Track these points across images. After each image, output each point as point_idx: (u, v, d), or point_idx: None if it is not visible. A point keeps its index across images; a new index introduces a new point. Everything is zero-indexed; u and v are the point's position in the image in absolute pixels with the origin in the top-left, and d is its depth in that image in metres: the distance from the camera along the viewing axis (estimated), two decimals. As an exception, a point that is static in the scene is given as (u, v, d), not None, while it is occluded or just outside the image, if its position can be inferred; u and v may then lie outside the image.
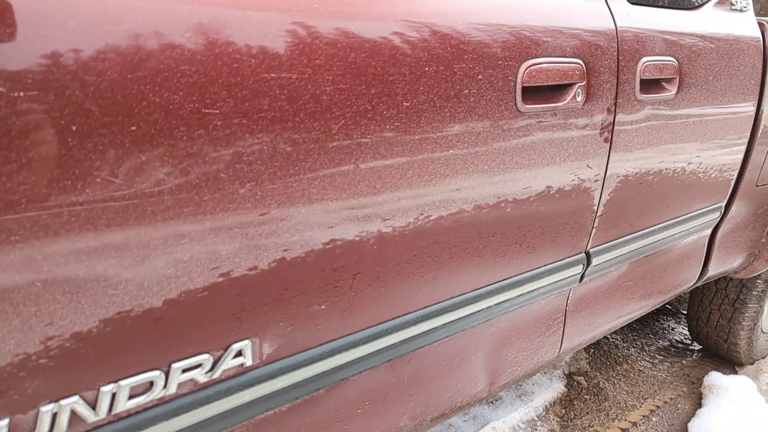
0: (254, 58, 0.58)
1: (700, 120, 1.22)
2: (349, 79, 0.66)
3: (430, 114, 0.74)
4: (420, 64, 0.72)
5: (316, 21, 0.63)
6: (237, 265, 0.61)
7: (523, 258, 0.98)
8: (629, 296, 1.35)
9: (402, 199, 0.74)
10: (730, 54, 1.26)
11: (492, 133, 0.82)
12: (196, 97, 0.54)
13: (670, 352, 2.21)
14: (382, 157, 0.71)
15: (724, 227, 1.55)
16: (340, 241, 0.70)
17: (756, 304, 1.92)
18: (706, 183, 1.36)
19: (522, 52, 0.84)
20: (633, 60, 1.01)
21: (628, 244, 1.20)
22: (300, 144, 0.63)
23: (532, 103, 0.87)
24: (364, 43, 0.66)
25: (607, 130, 1.01)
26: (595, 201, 1.06)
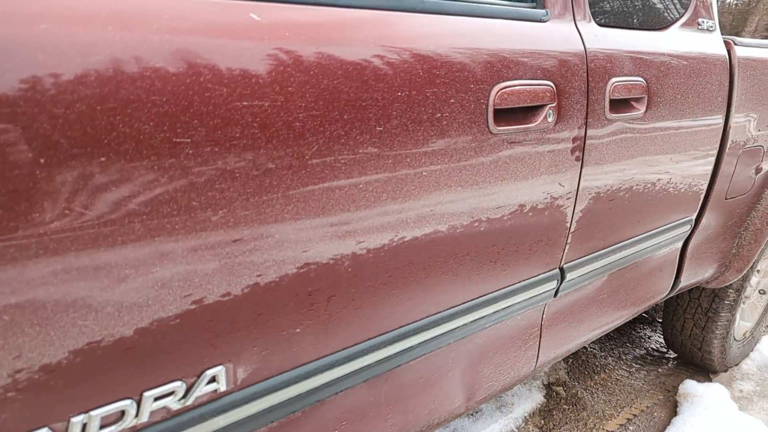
0: (225, 87, 0.58)
1: (669, 137, 1.26)
2: (322, 106, 0.67)
3: (402, 138, 0.75)
4: (393, 89, 0.73)
5: (288, 49, 0.63)
6: (210, 291, 0.61)
7: (497, 275, 0.99)
8: (604, 309, 1.37)
9: (376, 221, 0.75)
10: (697, 72, 1.29)
11: (464, 155, 0.84)
12: (167, 126, 0.55)
13: (647, 360, 2.25)
14: (356, 181, 0.71)
15: (695, 239, 1.59)
16: (314, 264, 0.70)
17: (728, 313, 1.97)
18: (676, 197, 1.39)
19: (493, 76, 0.86)
20: (602, 81, 1.04)
21: (602, 258, 1.23)
22: (273, 170, 0.63)
23: (504, 125, 0.88)
24: (336, 69, 0.67)
25: (578, 149, 1.03)
26: (568, 218, 1.08)
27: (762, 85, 1.53)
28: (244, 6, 0.62)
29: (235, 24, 0.60)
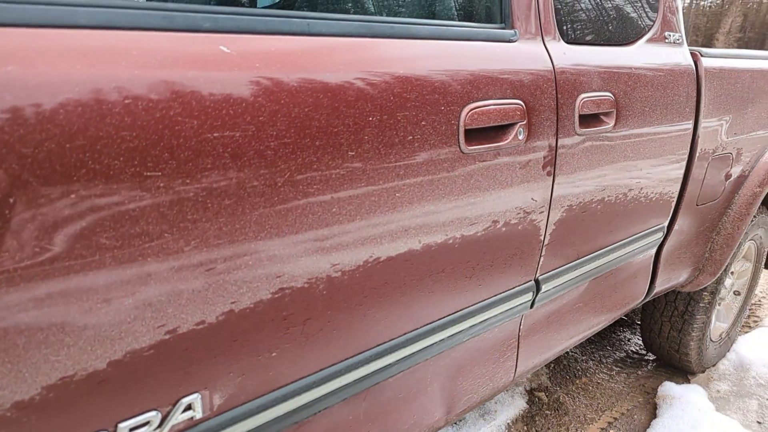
0: (196, 120, 0.59)
1: (639, 148, 1.29)
2: (294, 133, 0.68)
3: (375, 161, 0.77)
4: (364, 114, 0.75)
5: (259, 79, 0.65)
6: (183, 321, 0.62)
7: (473, 290, 1.01)
8: (580, 317, 1.40)
9: (350, 244, 0.77)
10: (665, 85, 1.33)
11: (437, 176, 0.85)
12: (137, 161, 0.55)
13: (627, 363, 2.29)
14: (329, 206, 0.73)
15: (669, 245, 1.63)
16: (288, 289, 0.71)
17: (704, 315, 2.02)
18: (648, 206, 1.43)
19: (463, 97, 0.87)
20: (571, 97, 1.07)
21: (576, 269, 1.25)
22: (245, 198, 0.64)
23: (475, 144, 0.90)
24: (307, 97, 0.69)
25: (550, 164, 1.05)
26: (542, 231, 1.10)
27: (729, 95, 1.58)
28: (213, 39, 0.63)
29: (204, 57, 0.61)
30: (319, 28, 0.73)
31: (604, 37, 1.22)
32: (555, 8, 1.09)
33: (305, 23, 0.72)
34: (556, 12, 1.09)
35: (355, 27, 0.77)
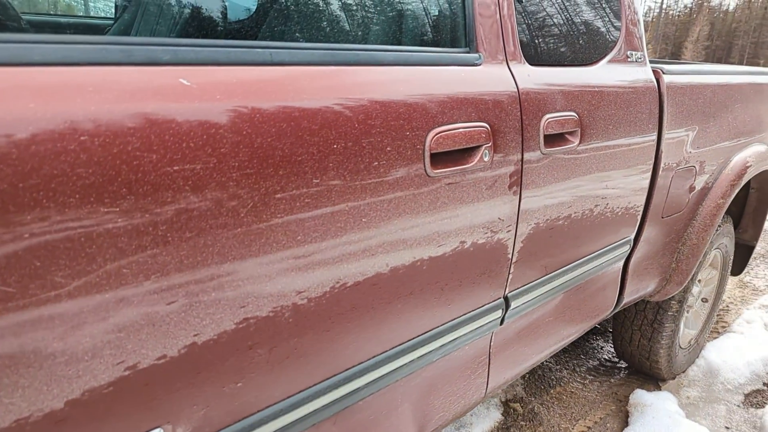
0: (155, 153, 0.59)
1: (604, 165, 1.32)
2: (256, 163, 0.68)
3: (340, 187, 0.77)
4: (328, 142, 0.75)
5: (220, 111, 0.65)
6: (144, 356, 0.61)
7: (442, 310, 1.02)
8: (551, 330, 1.42)
9: (316, 271, 0.77)
10: (627, 102, 1.37)
11: (403, 200, 0.86)
12: (93, 198, 0.55)
13: (600, 371, 2.32)
14: (293, 234, 0.73)
15: (636, 257, 1.66)
16: (253, 319, 0.71)
17: (672, 324, 2.06)
18: (615, 220, 1.46)
19: (429, 122, 0.89)
20: (536, 118, 1.09)
21: (545, 284, 1.27)
22: (207, 230, 0.64)
23: (441, 168, 0.91)
24: (270, 127, 0.69)
25: (516, 184, 1.07)
26: (510, 249, 1.12)
27: (690, 110, 1.63)
28: (173, 71, 0.63)
29: (164, 91, 0.61)
30: (282, 58, 0.74)
31: (568, 57, 1.25)
32: (519, 31, 1.11)
33: (268, 53, 0.72)
34: (520, 35, 1.11)
35: (319, 55, 0.78)
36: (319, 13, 0.93)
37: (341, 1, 0.95)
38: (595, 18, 1.35)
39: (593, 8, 1.35)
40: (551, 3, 1.23)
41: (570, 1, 1.28)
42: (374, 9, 0.98)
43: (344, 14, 0.96)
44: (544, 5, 1.20)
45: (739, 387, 2.20)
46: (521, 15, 1.13)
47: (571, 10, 1.28)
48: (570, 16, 1.28)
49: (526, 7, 1.15)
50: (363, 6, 0.97)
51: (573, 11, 1.29)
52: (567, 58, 1.24)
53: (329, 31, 0.92)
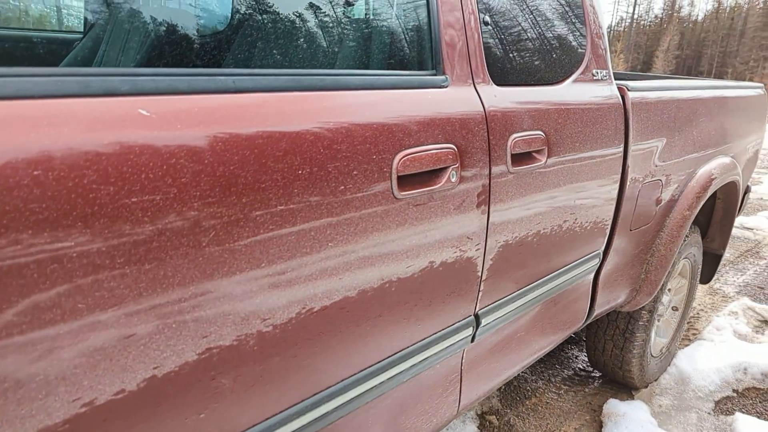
0: (112, 186, 0.58)
1: (572, 181, 1.35)
2: (218, 192, 0.67)
3: (306, 213, 0.77)
4: (293, 168, 0.75)
5: (180, 140, 0.64)
6: (101, 392, 0.60)
7: (412, 330, 1.02)
8: (522, 345, 1.43)
9: (281, 298, 0.76)
10: (593, 120, 1.40)
11: (370, 223, 0.87)
12: (47, 233, 0.54)
13: (574, 381, 2.35)
14: (258, 261, 0.72)
15: (606, 270, 1.69)
16: (216, 348, 0.70)
17: (643, 333, 2.10)
18: (584, 234, 1.48)
19: (395, 144, 0.89)
20: (503, 138, 1.10)
21: (516, 300, 1.29)
22: (167, 261, 0.63)
23: (408, 189, 0.92)
24: (232, 155, 0.69)
25: (484, 203, 1.09)
26: (479, 267, 1.13)
27: (655, 125, 1.67)
28: (132, 102, 0.62)
29: (122, 122, 0.60)
30: (245, 84, 0.74)
31: (534, 77, 1.27)
32: (485, 52, 1.13)
33: (231, 80, 0.72)
34: (486, 56, 1.13)
35: (284, 81, 0.78)
36: (287, 38, 0.93)
37: (308, 27, 0.96)
38: (561, 38, 1.38)
39: (559, 29, 1.38)
40: (517, 24, 1.25)
41: (536, 22, 1.31)
42: (340, 33, 0.98)
43: (312, 39, 0.96)
44: (510, 26, 1.23)
45: (710, 394, 2.25)
46: (488, 36, 1.15)
47: (537, 30, 1.31)
48: (536, 36, 1.31)
49: (493, 28, 1.17)
50: (330, 30, 0.97)
51: (539, 32, 1.32)
52: (533, 78, 1.27)
53: (296, 56, 0.92)
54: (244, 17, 0.95)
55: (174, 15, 1.01)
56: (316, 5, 0.97)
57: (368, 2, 1.05)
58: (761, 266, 3.84)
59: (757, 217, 5.07)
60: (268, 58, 0.90)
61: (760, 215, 5.15)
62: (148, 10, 1.02)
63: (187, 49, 0.96)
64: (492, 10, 1.18)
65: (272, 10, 0.93)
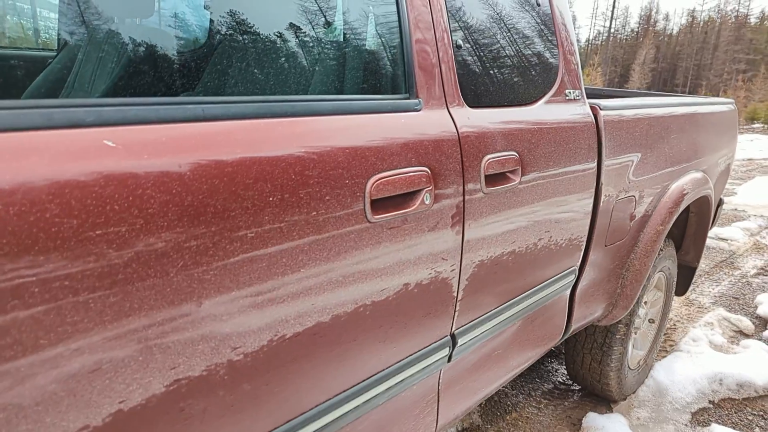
0: (76, 219, 0.58)
1: (546, 200, 1.36)
2: (187, 221, 0.67)
3: (277, 239, 0.77)
4: (263, 196, 0.75)
5: (147, 171, 0.64)
6: (65, 429, 0.59)
7: (387, 352, 1.02)
8: (500, 363, 1.44)
9: (253, 326, 0.76)
10: (567, 139, 1.42)
11: (344, 248, 0.87)
12: (9, 267, 0.53)
13: (554, 394, 2.36)
14: (228, 291, 0.72)
15: (582, 286, 1.71)
16: (185, 380, 0.69)
17: (620, 346, 2.12)
18: (559, 252, 1.50)
19: (368, 169, 0.90)
20: (476, 159, 1.12)
21: (492, 319, 1.29)
22: (134, 293, 0.62)
23: (382, 213, 0.92)
24: (201, 184, 0.68)
25: (458, 224, 1.09)
26: (454, 288, 1.14)
27: (628, 143, 1.70)
28: (97, 133, 0.61)
29: (87, 154, 0.60)
30: (214, 112, 0.73)
31: (507, 98, 1.29)
32: (458, 75, 1.14)
33: (200, 109, 0.72)
34: (460, 78, 1.15)
35: (254, 108, 0.78)
36: (260, 64, 0.93)
37: (283, 52, 0.96)
38: (534, 59, 1.41)
39: (532, 50, 1.41)
40: (491, 46, 1.27)
41: (509, 44, 1.33)
42: (313, 58, 0.99)
43: (285, 65, 0.96)
44: (483, 49, 1.25)
45: (687, 406, 2.28)
46: (461, 59, 1.16)
47: (510, 52, 1.33)
48: (509, 58, 1.33)
49: (466, 51, 1.19)
50: (303, 56, 0.98)
51: (512, 53, 1.34)
52: (507, 99, 1.28)
53: (270, 82, 0.93)
54: (219, 42, 0.94)
55: (147, 38, 1.00)
56: (290, 31, 0.97)
57: (341, 27, 1.06)
58: (736, 276, 3.92)
59: (731, 227, 5.18)
60: (240, 85, 0.90)
61: (734, 226, 5.26)
62: (120, 34, 1.01)
63: (160, 73, 0.95)
64: (465, 32, 1.20)
65: (246, 35, 0.93)
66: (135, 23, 1.13)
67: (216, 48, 0.94)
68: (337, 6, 1.05)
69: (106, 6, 0.97)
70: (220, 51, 0.93)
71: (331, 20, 1.04)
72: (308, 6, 0.99)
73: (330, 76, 1.00)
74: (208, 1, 1.04)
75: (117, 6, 1.05)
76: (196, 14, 1.06)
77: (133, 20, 1.13)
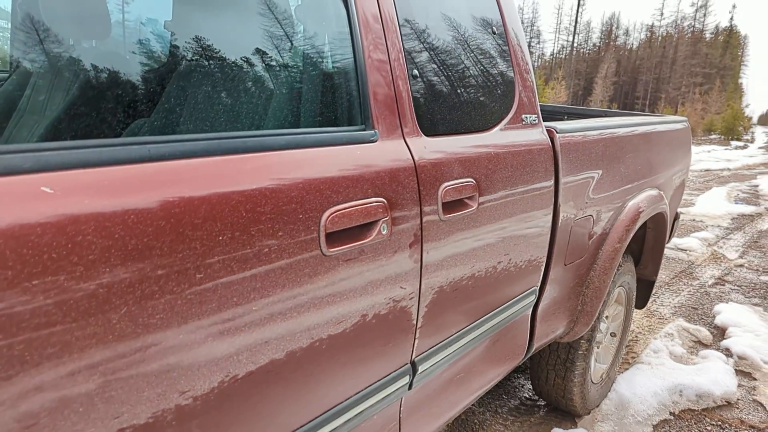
0: (10, 270, 0.56)
1: (504, 224, 1.39)
2: (130, 266, 0.65)
3: (228, 278, 0.76)
4: (212, 235, 0.74)
5: (85, 217, 0.62)
6: (-3, 490, 0.56)
7: (346, 385, 1.01)
8: (463, 385, 1.45)
9: (202, 367, 0.74)
10: (524, 163, 1.45)
11: (298, 282, 0.86)
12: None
13: (521, 411, 2.38)
14: (176, 335, 0.70)
15: (543, 305, 1.74)
16: (129, 428, 0.67)
17: (583, 362, 2.16)
18: (519, 273, 1.52)
19: (323, 202, 0.90)
20: (433, 187, 1.13)
21: (453, 344, 1.30)
22: (73, 343, 0.61)
23: (338, 246, 0.92)
24: (146, 227, 0.67)
25: (416, 252, 1.10)
26: (414, 316, 1.14)
27: (584, 164, 1.75)
28: (34, 180, 0.60)
29: (22, 201, 0.58)
30: (162, 152, 0.72)
31: (465, 125, 1.31)
32: (415, 105, 1.16)
33: (146, 149, 0.71)
34: (416, 108, 1.16)
35: (204, 146, 0.78)
36: (213, 100, 0.92)
37: (237, 86, 0.96)
38: (490, 86, 1.44)
39: (488, 77, 1.43)
40: (447, 75, 1.29)
41: (465, 72, 1.36)
42: (267, 92, 0.99)
43: (239, 99, 0.96)
44: (440, 78, 1.26)
45: (648, 418, 2.33)
46: (417, 88, 1.18)
47: (466, 80, 1.36)
48: (465, 85, 1.35)
49: (422, 81, 1.20)
50: (256, 90, 0.97)
51: (468, 81, 1.36)
52: (464, 126, 1.31)
53: (222, 118, 0.92)
54: (173, 75, 0.93)
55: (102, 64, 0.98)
56: (243, 65, 0.97)
57: (296, 61, 1.06)
58: (694, 287, 4.05)
59: (690, 238, 5.35)
60: (191, 122, 0.89)
61: (692, 236, 5.44)
62: (76, 58, 0.99)
63: (110, 105, 0.94)
64: (421, 62, 1.21)
65: (199, 70, 0.92)
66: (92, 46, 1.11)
67: (170, 81, 0.93)
68: (292, 39, 1.05)
69: (61, 27, 0.95)
70: (173, 85, 0.92)
71: (286, 54, 1.04)
72: (262, 40, 0.99)
73: (285, 110, 1.00)
74: (161, 33, 1.03)
75: (72, 27, 1.03)
76: (149, 46, 1.05)
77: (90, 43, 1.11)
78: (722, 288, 4.04)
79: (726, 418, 2.39)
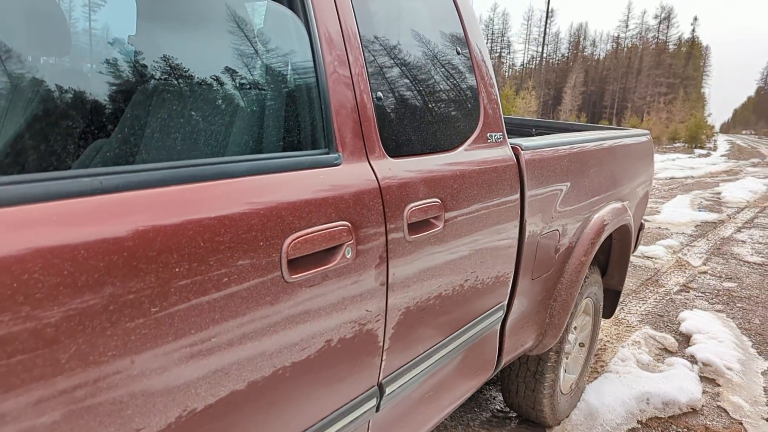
0: (-52, 314, 0.53)
1: (471, 242, 1.39)
2: (79, 304, 0.63)
3: (185, 311, 0.74)
4: (168, 267, 0.72)
5: (30, 253, 0.60)
6: None
7: (311, 410, 1.00)
8: (433, 404, 1.44)
9: (157, 404, 0.72)
10: (489, 181, 1.46)
11: (260, 311, 0.85)
12: None
13: (492, 423, 2.39)
14: (129, 371, 0.68)
15: (511, 319, 1.75)
16: (80, 471, 0.65)
17: (552, 373, 2.18)
18: (486, 289, 1.53)
19: (284, 229, 0.89)
20: (399, 209, 1.13)
21: (421, 363, 1.30)
22: (20, 385, 0.58)
23: (301, 272, 0.91)
24: (96, 262, 0.65)
25: (382, 274, 1.10)
26: (380, 338, 1.13)
27: (550, 180, 1.78)
28: (-24, 216, 0.58)
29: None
30: (114, 183, 0.70)
31: (430, 146, 1.32)
32: (379, 127, 1.16)
33: (97, 181, 0.69)
34: (380, 129, 1.16)
35: (159, 176, 0.76)
36: (168, 127, 0.91)
37: (195, 109, 0.94)
38: (455, 106, 1.45)
39: (453, 97, 1.45)
40: (411, 96, 1.30)
41: (430, 92, 1.37)
42: (227, 118, 0.97)
43: (199, 123, 0.94)
44: (404, 99, 1.27)
45: (617, 427, 2.36)
46: (381, 110, 1.18)
47: (430, 100, 1.37)
48: (430, 106, 1.36)
49: (386, 102, 1.21)
50: (216, 116, 0.96)
51: (433, 101, 1.37)
52: (429, 147, 1.31)
53: (180, 146, 0.90)
54: (131, 99, 0.91)
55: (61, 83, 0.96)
56: (203, 91, 0.96)
57: (258, 85, 1.05)
58: (660, 294, 4.15)
59: (655, 246, 5.49)
60: (148, 151, 0.87)
61: (658, 244, 5.58)
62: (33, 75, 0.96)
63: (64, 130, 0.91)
64: (385, 84, 1.22)
65: (156, 96, 0.91)
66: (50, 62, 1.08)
67: (129, 102, 0.91)
68: (254, 62, 1.04)
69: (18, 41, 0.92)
70: (132, 106, 0.90)
71: (247, 76, 1.03)
72: (223, 62, 0.98)
73: (246, 135, 0.99)
74: (119, 55, 1.01)
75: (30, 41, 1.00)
76: (108, 66, 1.03)
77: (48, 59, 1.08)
78: (687, 295, 4.15)
79: (691, 425, 2.44)
